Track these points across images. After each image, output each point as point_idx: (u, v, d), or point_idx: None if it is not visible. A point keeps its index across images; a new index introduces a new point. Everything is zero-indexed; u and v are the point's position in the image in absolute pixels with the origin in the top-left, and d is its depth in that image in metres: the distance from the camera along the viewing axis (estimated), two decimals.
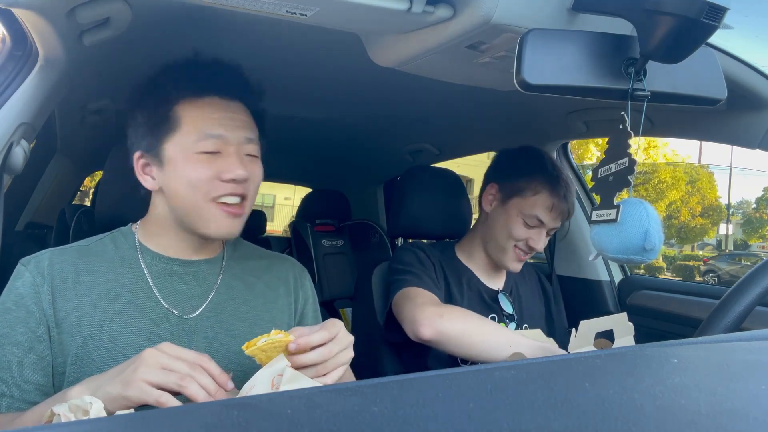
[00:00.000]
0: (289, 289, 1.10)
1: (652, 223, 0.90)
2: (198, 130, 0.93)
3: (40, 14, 0.90)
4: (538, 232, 1.37)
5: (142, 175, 0.98)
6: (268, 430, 0.34)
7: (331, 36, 1.08)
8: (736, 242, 25.77)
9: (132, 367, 0.72)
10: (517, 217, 1.37)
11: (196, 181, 0.92)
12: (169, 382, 0.70)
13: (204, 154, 0.92)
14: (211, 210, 0.94)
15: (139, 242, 1.01)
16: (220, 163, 0.93)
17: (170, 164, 0.94)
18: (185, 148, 0.93)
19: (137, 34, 1.12)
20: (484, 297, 1.43)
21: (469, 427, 0.34)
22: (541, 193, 1.36)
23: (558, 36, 0.88)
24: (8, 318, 0.89)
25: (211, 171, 0.92)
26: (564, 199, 1.37)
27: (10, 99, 1.03)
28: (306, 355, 0.77)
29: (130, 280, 0.96)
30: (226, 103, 0.96)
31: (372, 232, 2.69)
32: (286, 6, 0.91)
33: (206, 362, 0.74)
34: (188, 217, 0.96)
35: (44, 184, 2.34)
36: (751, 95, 1.18)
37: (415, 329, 1.20)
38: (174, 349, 0.74)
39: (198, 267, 1.02)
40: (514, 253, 1.39)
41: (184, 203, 0.94)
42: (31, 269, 0.92)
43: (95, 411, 0.61)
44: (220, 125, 0.94)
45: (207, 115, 0.94)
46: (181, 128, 0.93)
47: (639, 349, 0.58)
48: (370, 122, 2.11)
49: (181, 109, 0.94)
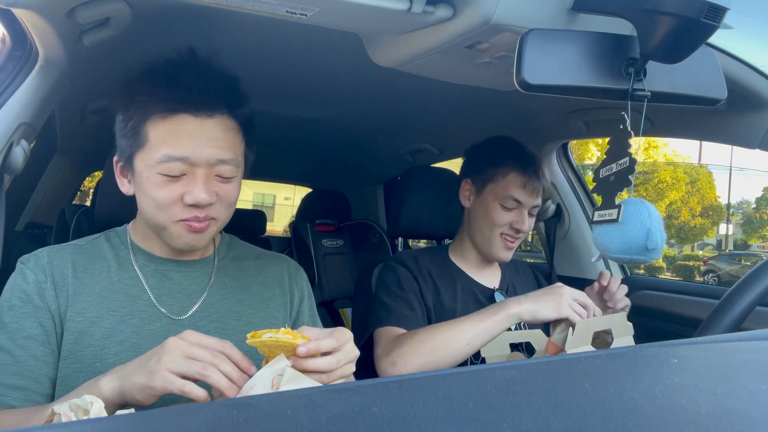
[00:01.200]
0: (284, 288, 1.09)
1: (654, 222, 0.90)
2: (162, 151, 0.88)
3: (40, 14, 0.91)
4: (518, 212, 1.38)
5: (120, 178, 0.97)
6: (268, 430, 0.34)
7: (331, 36, 1.09)
8: (736, 242, 25.77)
9: (156, 357, 0.73)
10: (494, 203, 1.39)
11: (159, 203, 0.90)
12: (191, 370, 0.71)
13: (166, 176, 0.89)
14: (175, 227, 0.92)
15: (132, 242, 1.01)
16: (183, 186, 0.89)
17: (138, 177, 0.92)
18: (149, 166, 0.89)
19: (137, 34, 1.12)
20: (479, 297, 1.43)
21: (469, 427, 0.34)
22: (511, 173, 1.38)
23: (558, 36, 0.88)
24: (16, 314, 0.89)
25: (174, 194, 0.89)
26: (535, 175, 1.39)
27: (10, 99, 1.03)
28: (314, 361, 0.76)
29: (124, 278, 0.96)
30: (199, 121, 0.89)
31: (372, 232, 2.68)
32: (286, 6, 0.91)
33: (228, 349, 0.75)
34: (155, 229, 0.95)
35: (44, 184, 2.34)
36: (751, 95, 1.18)
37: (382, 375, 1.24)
38: (196, 337, 0.75)
39: (190, 267, 1.02)
40: (501, 241, 1.39)
41: (150, 218, 0.93)
42: (32, 267, 0.93)
43: (96, 410, 0.61)
44: (187, 147, 0.88)
45: (174, 136, 0.88)
46: (148, 146, 0.89)
47: (639, 349, 0.58)
48: (370, 122, 2.11)
49: (151, 125, 0.89)
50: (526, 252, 12.01)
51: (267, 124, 2.10)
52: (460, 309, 1.38)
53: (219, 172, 0.91)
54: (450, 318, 1.36)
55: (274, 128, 2.20)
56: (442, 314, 1.37)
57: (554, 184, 1.96)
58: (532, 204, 1.39)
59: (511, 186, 1.37)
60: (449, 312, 1.37)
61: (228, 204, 0.95)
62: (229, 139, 0.92)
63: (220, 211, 0.94)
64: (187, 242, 0.94)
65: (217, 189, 0.92)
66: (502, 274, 1.51)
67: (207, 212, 0.91)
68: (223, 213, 0.95)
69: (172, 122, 0.88)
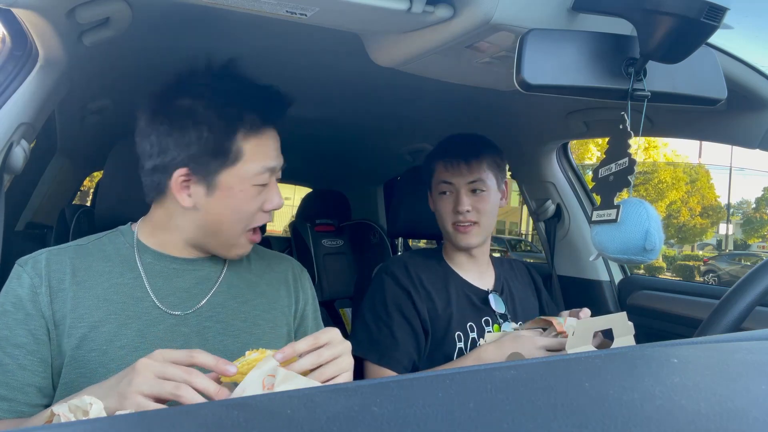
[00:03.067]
0: (289, 290, 1.09)
1: (653, 223, 0.90)
2: (259, 163, 0.94)
3: (40, 14, 0.91)
4: (454, 195, 1.40)
5: (179, 191, 0.93)
6: (268, 430, 0.34)
7: (331, 36, 1.09)
8: (736, 242, 25.77)
9: (126, 380, 0.70)
10: (437, 197, 1.44)
11: (245, 212, 0.95)
12: (163, 391, 0.68)
13: (258, 186, 0.95)
14: (241, 239, 0.98)
15: (139, 241, 1.00)
16: (264, 194, 0.96)
17: (222, 191, 0.93)
18: (243, 179, 0.93)
19: (137, 34, 1.12)
20: (473, 300, 1.41)
21: (469, 427, 0.34)
22: (436, 164, 1.44)
23: (558, 36, 0.88)
24: (8, 320, 0.88)
25: (258, 202, 0.96)
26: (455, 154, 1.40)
27: (10, 99, 1.03)
28: (296, 363, 0.76)
29: (127, 279, 0.95)
30: (274, 132, 0.98)
31: (372, 232, 2.68)
32: (286, 6, 0.91)
33: (200, 358, 0.72)
34: (216, 240, 0.97)
35: (44, 184, 2.34)
36: (751, 95, 1.18)
37: None
38: (165, 354, 0.72)
39: (201, 264, 1.01)
40: (454, 229, 1.40)
41: (222, 229, 0.96)
42: (29, 270, 0.92)
43: (95, 411, 0.61)
44: (275, 157, 0.97)
45: (266, 148, 0.95)
46: (242, 160, 0.93)
47: (639, 349, 0.58)
48: (370, 122, 2.11)
49: (243, 140, 0.93)
50: (526, 252, 12.02)
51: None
52: (455, 314, 1.36)
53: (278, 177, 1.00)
54: (446, 324, 1.35)
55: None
56: (438, 322, 1.35)
57: (554, 184, 1.96)
58: (464, 182, 1.39)
59: (437, 174, 1.43)
60: (445, 319, 1.35)
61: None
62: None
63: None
64: (244, 252, 1.01)
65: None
66: (496, 274, 1.50)
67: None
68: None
69: (264, 136, 0.95)
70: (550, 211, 1.98)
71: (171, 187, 0.93)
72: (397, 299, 1.35)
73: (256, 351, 0.74)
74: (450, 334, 1.34)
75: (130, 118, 1.00)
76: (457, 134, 1.49)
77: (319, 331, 0.81)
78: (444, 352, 1.33)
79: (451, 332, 1.34)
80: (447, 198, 1.41)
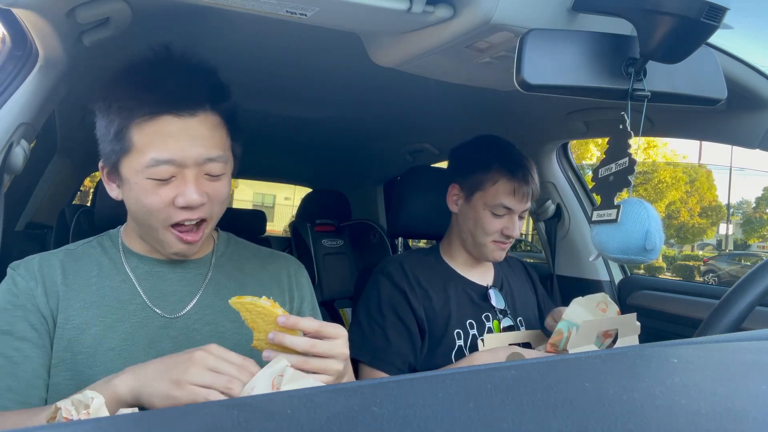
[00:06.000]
0: (282, 288, 1.08)
1: (653, 222, 0.89)
2: (149, 156, 0.85)
3: (40, 14, 0.91)
4: (509, 219, 1.37)
5: (108, 183, 0.95)
6: (268, 430, 0.34)
7: (331, 36, 1.08)
8: (736, 242, 25.77)
9: (182, 368, 0.73)
10: (484, 210, 1.36)
11: (150, 206, 0.88)
12: (217, 383, 0.71)
13: (155, 180, 0.87)
14: (165, 235, 0.91)
15: (124, 245, 1.00)
16: (174, 188, 0.88)
17: (126, 184, 0.90)
18: (137, 172, 0.87)
19: (137, 34, 1.11)
20: (472, 297, 1.41)
21: (469, 427, 0.34)
22: (500, 180, 1.35)
23: (558, 36, 0.88)
24: (7, 317, 0.88)
25: (165, 197, 0.88)
26: (524, 181, 1.36)
27: (10, 99, 1.03)
28: (291, 338, 0.77)
29: (116, 283, 0.95)
30: (183, 121, 0.86)
31: (372, 232, 2.68)
32: (286, 6, 0.91)
33: (251, 367, 0.75)
34: (145, 236, 0.96)
35: (44, 184, 2.34)
36: (751, 95, 1.18)
37: None
38: (221, 351, 0.75)
39: (185, 267, 1.01)
40: (493, 245, 1.38)
41: (141, 223, 0.93)
42: (22, 273, 0.92)
43: (95, 406, 0.61)
44: (174, 148, 0.86)
45: (158, 140, 0.86)
46: (133, 151, 0.87)
47: (639, 349, 0.58)
48: (370, 122, 2.11)
49: (134, 130, 0.86)
50: (526, 252, 12.03)
51: (267, 124, 2.11)
52: (454, 311, 1.36)
53: (208, 171, 0.90)
54: (445, 322, 1.35)
55: (275, 128, 2.20)
56: (437, 320, 1.35)
57: (554, 184, 1.96)
58: (522, 209, 1.38)
59: (500, 194, 1.35)
60: (444, 317, 1.35)
61: (220, 201, 0.94)
62: (215, 137, 0.90)
63: (212, 210, 0.93)
64: (178, 251, 0.94)
65: (207, 188, 0.90)
66: (495, 270, 1.50)
67: (200, 213, 0.90)
68: (215, 211, 0.94)
69: (155, 125, 0.86)
70: (550, 211, 1.98)
71: (104, 181, 0.95)
72: (392, 299, 1.34)
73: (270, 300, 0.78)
74: (449, 332, 1.34)
75: None
76: (515, 151, 1.41)
77: (332, 323, 0.81)
78: (443, 351, 1.33)
79: (450, 330, 1.34)
80: (498, 219, 1.36)
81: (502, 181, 1.35)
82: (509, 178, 1.35)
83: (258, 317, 0.78)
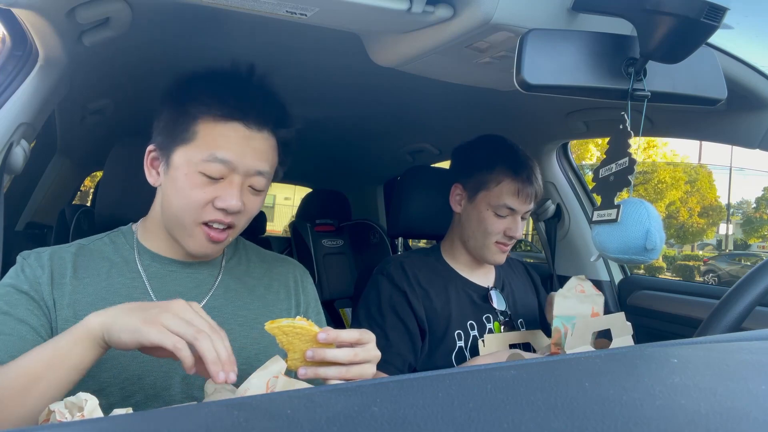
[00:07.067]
0: (289, 293, 1.09)
1: (653, 222, 0.90)
2: (209, 150, 0.91)
3: (40, 14, 0.91)
4: (512, 220, 1.36)
5: (148, 167, 0.98)
6: (268, 430, 0.34)
7: (331, 36, 1.09)
8: (736, 242, 25.77)
9: (157, 310, 0.73)
10: (487, 210, 1.36)
11: (191, 199, 0.91)
12: (186, 333, 0.71)
13: (205, 176, 0.91)
14: (195, 230, 0.94)
15: (138, 242, 1.01)
16: (218, 189, 0.92)
17: (174, 171, 0.93)
18: (191, 162, 0.91)
19: (137, 34, 1.12)
20: (473, 298, 1.40)
21: (469, 427, 0.34)
22: (504, 181, 1.35)
23: (558, 36, 0.88)
24: (10, 299, 0.89)
25: (208, 195, 0.92)
26: (528, 181, 1.35)
27: (10, 99, 1.03)
28: (332, 351, 0.78)
29: (126, 280, 0.96)
30: (249, 132, 0.93)
31: (372, 232, 2.68)
32: (286, 6, 0.91)
33: (224, 335, 0.74)
34: (173, 227, 0.96)
35: (44, 184, 2.34)
36: (751, 95, 1.18)
37: None
38: (199, 309, 0.76)
39: (197, 268, 1.01)
40: (495, 247, 1.37)
41: (174, 213, 0.94)
42: (31, 262, 0.93)
43: (89, 408, 0.61)
44: (234, 152, 0.91)
45: (222, 140, 0.92)
46: (194, 143, 0.92)
47: (639, 349, 0.58)
48: (370, 122, 2.11)
49: (202, 125, 0.92)
50: (526, 252, 12.03)
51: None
52: (455, 312, 1.36)
53: (252, 183, 0.95)
54: (446, 323, 1.34)
55: None
56: (437, 321, 1.34)
57: (554, 184, 1.96)
58: (525, 210, 1.38)
59: (504, 194, 1.34)
60: (444, 318, 1.34)
61: (249, 216, 0.98)
62: (269, 154, 0.97)
63: (241, 221, 0.97)
64: (202, 249, 0.96)
65: (246, 199, 0.95)
66: (496, 271, 1.50)
67: (231, 219, 0.94)
68: (243, 223, 0.98)
69: (224, 127, 0.92)
70: (550, 212, 1.98)
71: (144, 165, 0.98)
72: (392, 299, 1.34)
73: (305, 320, 0.77)
74: (449, 333, 1.33)
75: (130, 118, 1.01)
76: (520, 151, 1.41)
77: (363, 330, 0.83)
78: (443, 351, 1.33)
79: (451, 331, 1.34)
80: (501, 219, 1.36)
81: (506, 182, 1.35)
82: (513, 178, 1.35)
83: (295, 338, 0.77)
